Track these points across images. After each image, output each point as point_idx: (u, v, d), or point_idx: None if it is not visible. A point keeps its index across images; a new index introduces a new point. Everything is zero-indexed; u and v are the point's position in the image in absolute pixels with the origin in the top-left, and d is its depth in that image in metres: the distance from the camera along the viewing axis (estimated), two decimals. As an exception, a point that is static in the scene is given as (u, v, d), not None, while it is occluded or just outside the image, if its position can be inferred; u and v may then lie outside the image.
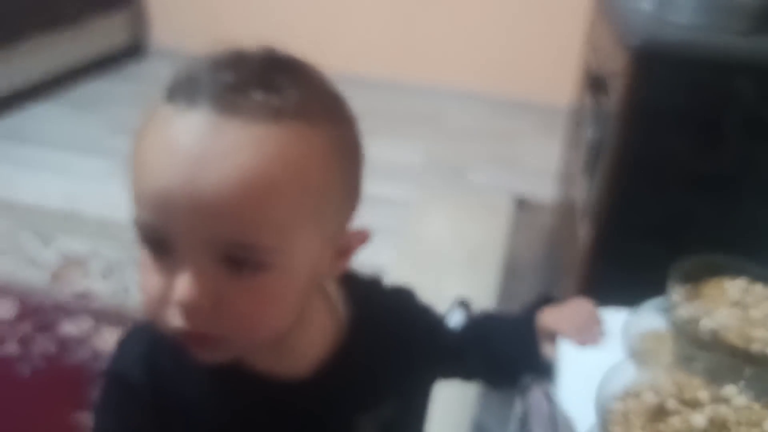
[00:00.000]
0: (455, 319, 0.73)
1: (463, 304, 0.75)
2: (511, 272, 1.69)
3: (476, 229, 2.07)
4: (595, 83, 1.27)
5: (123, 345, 0.58)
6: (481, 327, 0.74)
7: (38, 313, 1.66)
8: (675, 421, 0.47)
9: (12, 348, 1.54)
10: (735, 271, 0.65)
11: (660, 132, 1.04)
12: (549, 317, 0.71)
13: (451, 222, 0.54)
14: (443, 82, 3.29)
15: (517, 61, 3.32)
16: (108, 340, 1.58)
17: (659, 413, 0.49)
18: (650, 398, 0.49)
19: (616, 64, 1.14)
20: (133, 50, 3.59)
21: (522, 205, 2.07)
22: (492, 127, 3.09)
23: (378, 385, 0.60)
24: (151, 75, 3.51)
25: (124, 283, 1.80)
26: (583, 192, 1.28)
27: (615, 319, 0.66)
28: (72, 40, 3.12)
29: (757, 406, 0.48)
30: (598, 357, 0.65)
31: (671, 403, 0.49)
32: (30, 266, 1.85)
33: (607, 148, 1.10)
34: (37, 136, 2.71)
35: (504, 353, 0.70)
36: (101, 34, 3.31)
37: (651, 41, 1.00)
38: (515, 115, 3.22)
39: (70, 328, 1.62)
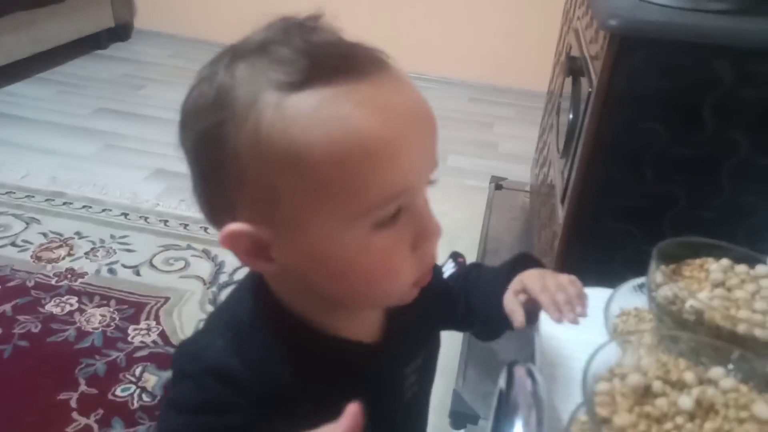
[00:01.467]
0: (448, 270, 0.74)
1: (457, 256, 0.75)
2: (489, 253, 1.70)
3: (455, 211, 2.08)
4: (572, 66, 1.27)
5: (198, 345, 0.55)
6: (467, 277, 0.75)
7: (24, 292, 1.64)
8: (662, 402, 0.47)
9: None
10: (717, 252, 0.66)
11: (638, 114, 1.04)
12: (534, 282, 0.67)
13: (434, 204, 0.54)
14: (423, 69, 3.28)
15: (496, 47, 3.32)
16: (91, 319, 1.56)
17: (646, 395, 0.49)
18: (636, 380, 0.49)
19: (594, 46, 1.13)
20: (118, 31, 3.54)
21: (500, 187, 2.08)
22: (471, 112, 3.10)
23: (416, 339, 0.65)
24: (137, 55, 3.46)
25: (109, 261, 1.79)
26: (560, 174, 1.28)
27: (593, 297, 0.66)
28: (57, 19, 3.04)
29: (744, 389, 0.48)
30: (577, 336, 0.65)
31: (657, 385, 0.49)
32: (14, 246, 1.83)
33: (584, 130, 1.10)
34: (22, 117, 2.66)
35: (481, 304, 0.72)
36: (87, 13, 3.24)
37: (630, 22, 1.00)
38: (494, 100, 3.24)
39: (54, 307, 1.60)
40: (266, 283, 0.56)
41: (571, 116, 1.19)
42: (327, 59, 0.46)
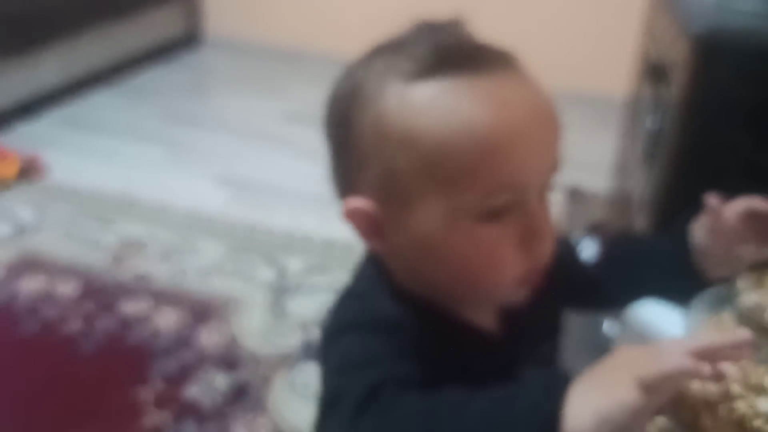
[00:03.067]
0: (588, 250, 0.69)
1: (596, 229, 0.71)
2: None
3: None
4: (654, 73, 1.25)
5: (353, 303, 0.58)
6: (620, 253, 0.69)
7: (100, 293, 1.73)
8: (740, 405, 0.47)
9: (76, 325, 1.60)
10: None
11: (722, 123, 1.02)
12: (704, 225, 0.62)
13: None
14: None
15: (569, 52, 3.27)
16: (167, 319, 1.64)
17: (723, 398, 0.49)
18: (715, 386, 0.49)
19: (677, 53, 1.12)
20: (188, 40, 3.66)
21: (574, 196, 2.05)
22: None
23: (537, 333, 0.64)
24: (206, 64, 3.58)
25: (181, 265, 1.86)
26: (640, 184, 1.27)
27: (674, 315, 0.65)
28: (130, 31, 3.19)
29: None
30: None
31: (736, 388, 0.49)
32: (92, 249, 1.92)
33: (666, 139, 1.08)
34: (97, 124, 2.79)
35: (651, 274, 0.66)
36: (158, 24, 3.38)
37: (714, 29, 0.98)
38: (567, 107, 3.18)
39: (130, 307, 1.68)
40: (385, 265, 0.58)
41: (653, 124, 1.18)
42: (453, 55, 0.50)
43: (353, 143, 0.53)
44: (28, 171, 2.27)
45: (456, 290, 0.55)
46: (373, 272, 0.59)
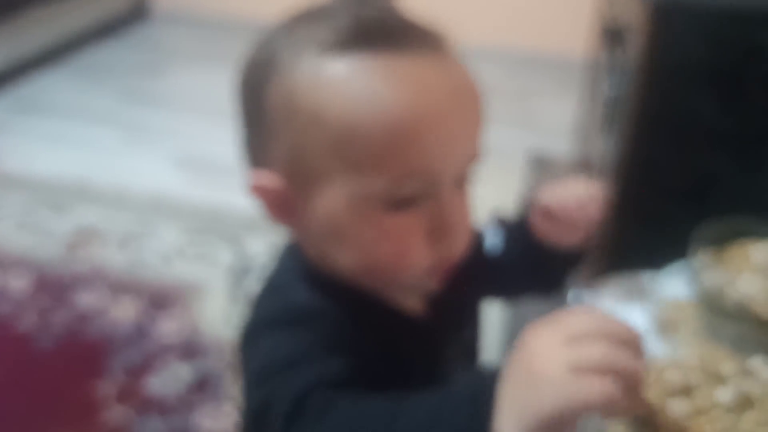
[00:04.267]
0: (491, 238, 0.69)
1: (499, 220, 0.69)
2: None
3: (491, 188, 2.05)
4: (611, 36, 1.22)
5: (275, 299, 0.56)
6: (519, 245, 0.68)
7: (55, 285, 1.68)
8: (699, 397, 0.45)
9: (31, 321, 1.55)
10: (759, 235, 0.62)
11: (681, 87, 1.00)
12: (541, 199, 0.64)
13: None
14: (456, 39, 3.21)
15: (530, 15, 3.23)
16: (125, 309, 1.60)
17: (683, 390, 0.47)
18: (674, 377, 0.47)
19: (634, 16, 1.09)
20: (137, 15, 3.54)
21: (538, 162, 2.04)
22: (506, 84, 3.03)
23: (459, 316, 0.64)
24: (157, 39, 3.47)
25: (140, 252, 1.81)
26: (600, 149, 1.25)
27: (636, 280, 0.63)
28: (76, 7, 3.08)
29: None
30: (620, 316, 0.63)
31: (695, 379, 0.47)
32: (46, 239, 1.86)
33: (625, 104, 1.06)
34: (47, 107, 2.70)
35: (518, 255, 0.67)
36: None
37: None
38: (529, 71, 3.15)
39: (86, 299, 1.63)
40: (301, 251, 0.56)
41: (611, 89, 1.16)
42: (373, 30, 0.48)
43: (264, 114, 0.51)
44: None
45: (364, 276, 0.52)
46: (291, 261, 0.57)
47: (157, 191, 2.11)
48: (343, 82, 0.46)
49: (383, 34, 0.47)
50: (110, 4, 3.32)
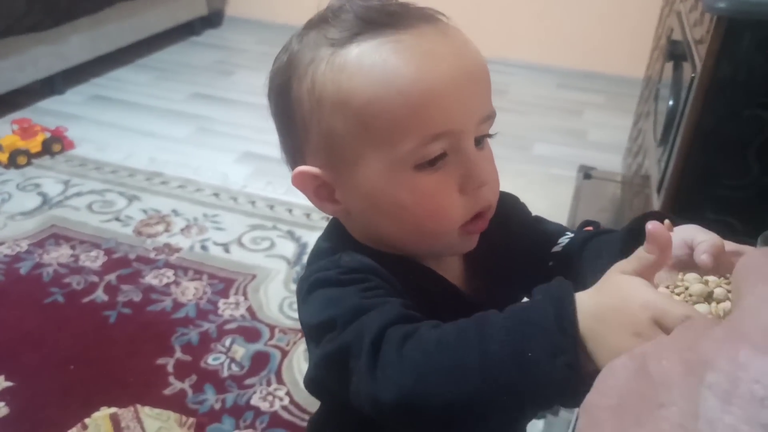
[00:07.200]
0: (565, 240, 0.67)
1: (587, 224, 0.68)
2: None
3: (541, 200, 2.06)
4: (674, 50, 1.24)
5: (324, 261, 0.58)
6: (586, 242, 0.65)
7: (125, 265, 1.77)
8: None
9: (101, 296, 1.64)
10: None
11: (743, 102, 1.00)
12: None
13: (516, 192, 0.55)
14: (510, 54, 3.24)
15: (585, 32, 3.23)
16: (189, 292, 1.68)
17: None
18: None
19: (698, 30, 1.11)
20: (210, 19, 3.70)
21: (588, 176, 2.03)
22: (558, 99, 3.03)
23: (497, 295, 0.62)
24: (226, 43, 3.60)
25: (203, 240, 1.90)
26: (657, 164, 1.26)
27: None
28: (155, 8, 3.22)
29: None
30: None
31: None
32: (116, 221, 1.96)
33: (685, 117, 1.07)
34: (123, 99, 2.83)
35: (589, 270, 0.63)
36: (182, 2, 3.41)
37: (737, 4, 0.97)
38: (582, 86, 3.15)
39: (154, 280, 1.72)
40: (344, 227, 0.60)
41: (671, 102, 1.17)
42: (375, 16, 0.52)
43: (293, 112, 0.55)
44: (53, 145, 2.31)
45: (409, 242, 0.57)
46: (337, 235, 0.61)
47: (221, 183, 2.20)
48: (357, 65, 0.51)
49: (385, 17, 0.52)
50: (188, 9, 3.48)
